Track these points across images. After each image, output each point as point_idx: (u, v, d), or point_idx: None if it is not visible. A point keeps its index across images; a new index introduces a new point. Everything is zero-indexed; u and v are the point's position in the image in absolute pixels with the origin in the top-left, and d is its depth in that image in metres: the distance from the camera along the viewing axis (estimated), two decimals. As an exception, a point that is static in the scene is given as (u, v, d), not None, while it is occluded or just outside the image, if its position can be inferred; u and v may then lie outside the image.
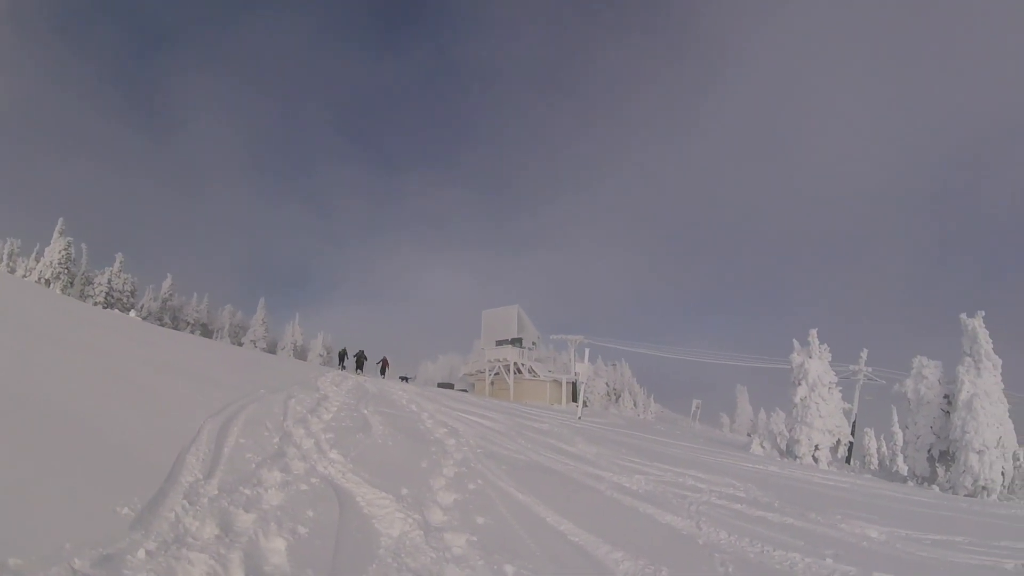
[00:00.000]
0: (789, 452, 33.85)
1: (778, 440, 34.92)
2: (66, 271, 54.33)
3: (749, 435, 48.44)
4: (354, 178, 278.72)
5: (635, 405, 71.94)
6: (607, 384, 72.61)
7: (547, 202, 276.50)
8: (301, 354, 67.52)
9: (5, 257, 54.63)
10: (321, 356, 66.35)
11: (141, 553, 4.86)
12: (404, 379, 45.47)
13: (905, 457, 35.78)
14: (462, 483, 9.70)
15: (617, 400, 72.09)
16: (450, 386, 53.77)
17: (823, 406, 33.81)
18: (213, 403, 11.73)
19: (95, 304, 49.03)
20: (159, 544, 5.14)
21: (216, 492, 6.89)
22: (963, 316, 31.91)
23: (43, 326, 15.54)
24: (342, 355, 44.81)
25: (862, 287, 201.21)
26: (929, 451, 32.80)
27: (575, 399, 48.12)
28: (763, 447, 34.28)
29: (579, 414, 33.42)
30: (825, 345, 35.55)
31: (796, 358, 35.31)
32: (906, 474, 34.90)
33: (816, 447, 33.35)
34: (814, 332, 35.27)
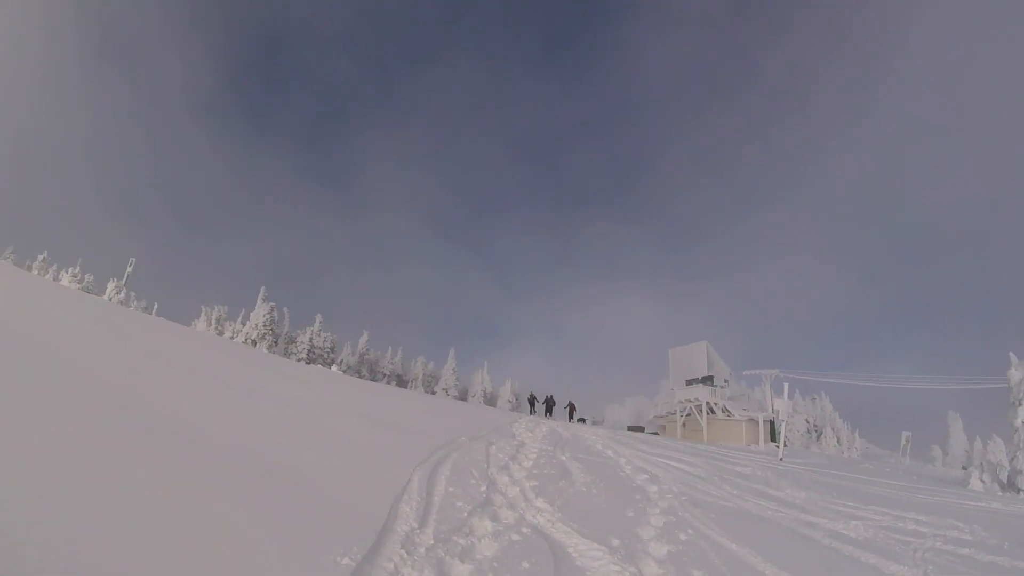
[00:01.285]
0: (1011, 485, 30.17)
1: (998, 471, 31.30)
2: (271, 332, 58.39)
3: (965, 468, 43.86)
4: (528, 224, 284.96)
5: (838, 442, 67.64)
6: (807, 420, 68.85)
7: (725, 227, 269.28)
8: (491, 400, 68.72)
9: (213, 322, 59.41)
10: (510, 402, 67.16)
11: None
12: (582, 420, 45.04)
13: None
14: (672, 533, 9.18)
15: (818, 437, 68.14)
16: (641, 429, 52.64)
17: None
18: (418, 452, 11.91)
19: (298, 360, 52.14)
20: (381, 596, 5.03)
21: (432, 541, 6.81)
22: None
23: (252, 382, 16.48)
24: (532, 400, 45.25)
25: None
26: None
27: (773, 439, 45.74)
28: (983, 481, 30.67)
29: (780, 455, 31.47)
30: None
31: (1014, 374, 31.26)
32: None
33: None
34: None
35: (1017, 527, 13.49)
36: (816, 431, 69.34)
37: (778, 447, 33.59)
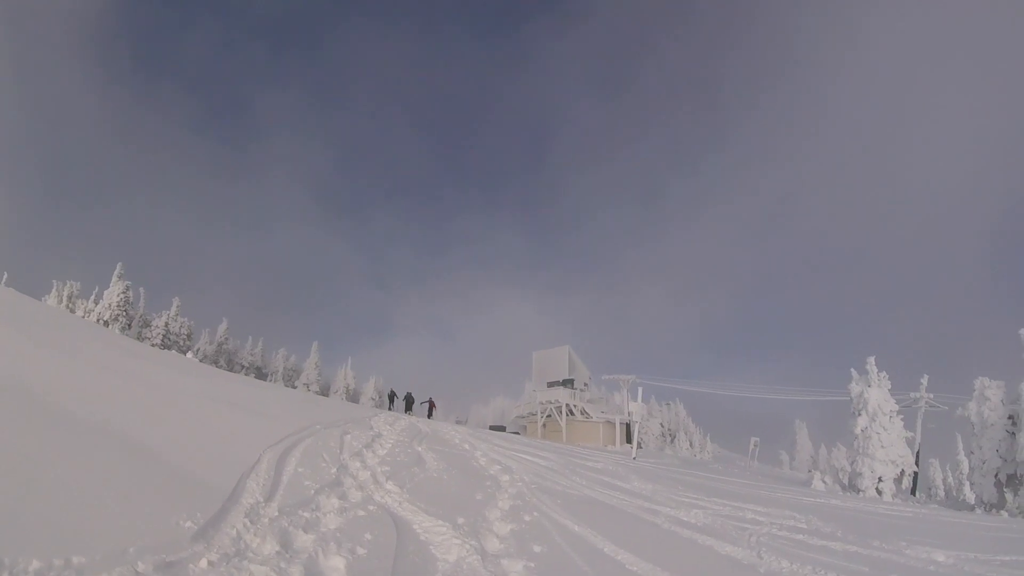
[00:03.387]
0: (852, 486, 32.69)
1: (840, 474, 33.80)
2: (124, 314, 55.71)
3: (810, 471, 46.85)
4: (402, 223, 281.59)
5: (691, 445, 70.75)
6: (662, 424, 71.61)
7: (598, 234, 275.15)
8: (354, 397, 67.97)
9: (65, 299, 56.26)
10: (373, 399, 66.62)
11: (203, 563, 4.92)
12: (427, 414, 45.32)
13: (972, 484, 33.94)
14: (518, 514, 9.58)
15: (672, 440, 71.01)
16: (502, 428, 53.34)
17: (885, 436, 32.66)
18: (271, 435, 11.84)
19: (152, 345, 50.03)
20: (221, 556, 5.19)
21: (276, 513, 6.95)
22: (1022, 332, 30.59)
23: (104, 360, 15.89)
24: (391, 396, 45.28)
25: (917, 309, 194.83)
26: (996, 475, 31.01)
27: (629, 440, 47.33)
28: (825, 482, 33.05)
29: (634, 454, 32.83)
30: (884, 373, 34.27)
31: (855, 387, 34.19)
32: (973, 502, 33.25)
33: (880, 479, 32.14)
34: (872, 360, 34.08)
35: (851, 519, 14.58)
36: (670, 435, 72.21)
37: (632, 447, 34.92)
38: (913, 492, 37.63)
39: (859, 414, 33.55)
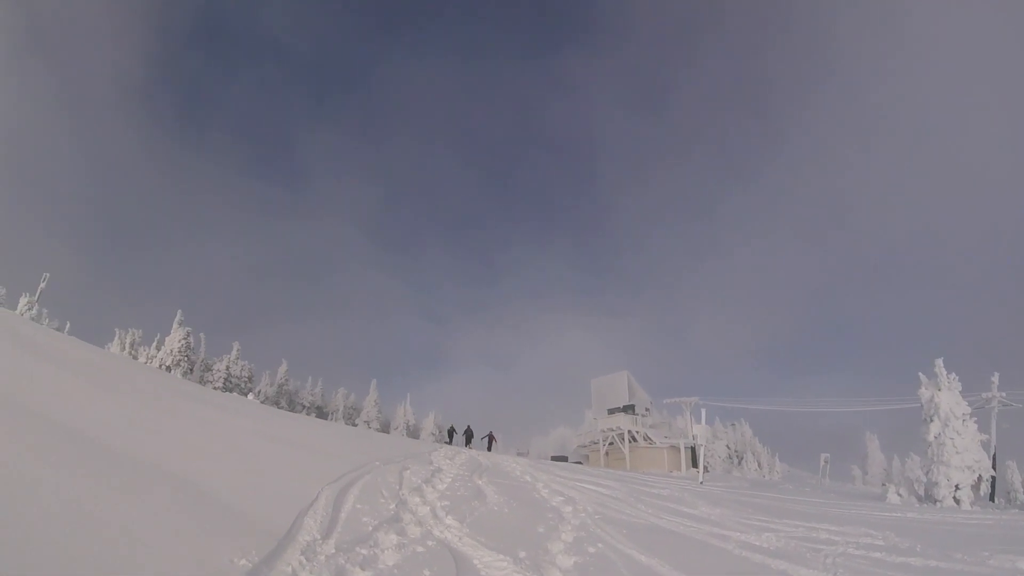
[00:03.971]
0: (928, 496, 31.14)
1: (915, 485, 32.32)
2: (186, 359, 56.88)
3: (883, 485, 45.13)
4: (452, 256, 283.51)
5: (759, 466, 68.94)
6: (727, 446, 70.05)
7: (642, 256, 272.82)
8: (414, 433, 68.08)
9: (127, 346, 57.64)
10: (433, 435, 66.70)
11: None
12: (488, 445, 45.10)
13: None
14: (581, 546, 9.30)
15: (740, 462, 69.36)
16: (564, 459, 52.66)
17: (959, 441, 30.89)
18: (330, 473, 11.81)
19: (214, 389, 50.85)
20: (275, 596, 5.05)
21: (333, 550, 6.83)
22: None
23: (163, 403, 16.09)
24: (451, 432, 45.42)
25: (980, 306, 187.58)
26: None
27: (695, 464, 46.31)
28: (900, 495, 31.46)
29: (700, 478, 32.06)
30: (953, 374, 32.53)
31: (924, 392, 32.46)
32: None
33: (956, 487, 30.35)
34: (939, 362, 32.52)
35: (930, 532, 13.95)
36: (737, 456, 70.57)
37: (699, 472, 34.15)
38: (992, 498, 35.71)
39: (931, 420, 31.85)
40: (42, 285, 48.42)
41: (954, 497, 30.03)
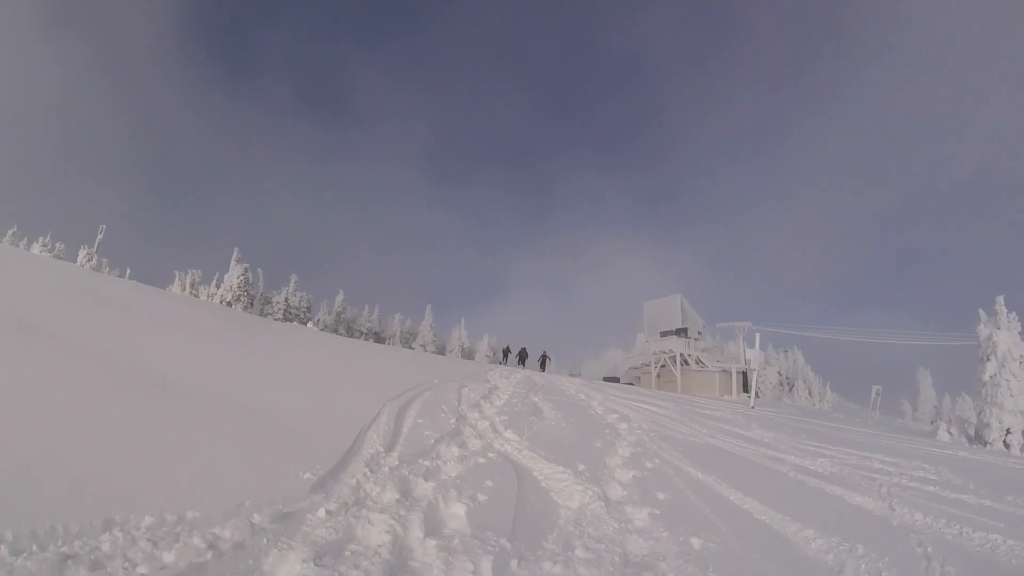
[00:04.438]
0: (978, 437, 30.43)
1: (966, 426, 31.62)
2: (245, 294, 57.73)
3: (933, 422, 44.42)
4: (506, 188, 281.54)
5: (810, 394, 68.29)
6: (779, 373, 69.29)
7: (704, 181, 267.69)
8: (469, 355, 68.70)
9: (188, 286, 58.75)
10: (488, 356, 67.21)
11: (321, 512, 4.81)
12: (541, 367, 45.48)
13: None
14: (639, 462, 9.25)
15: (790, 390, 68.76)
16: (616, 380, 52.81)
17: (1015, 384, 29.94)
18: (391, 392, 11.93)
19: (274, 320, 51.84)
20: (339, 505, 5.09)
21: (396, 463, 6.86)
22: None
23: (228, 335, 16.38)
24: (506, 352, 45.87)
25: None
26: None
27: (746, 389, 46.04)
28: (951, 433, 30.68)
29: (752, 403, 31.82)
30: (1014, 313, 31.30)
31: (983, 330, 31.34)
32: None
33: (1008, 431, 29.63)
34: (1000, 299, 31.34)
35: (982, 472, 13.58)
36: (788, 383, 69.90)
37: (750, 397, 33.93)
38: None
39: (987, 359, 30.69)
40: (100, 237, 49.24)
41: (1004, 441, 29.28)
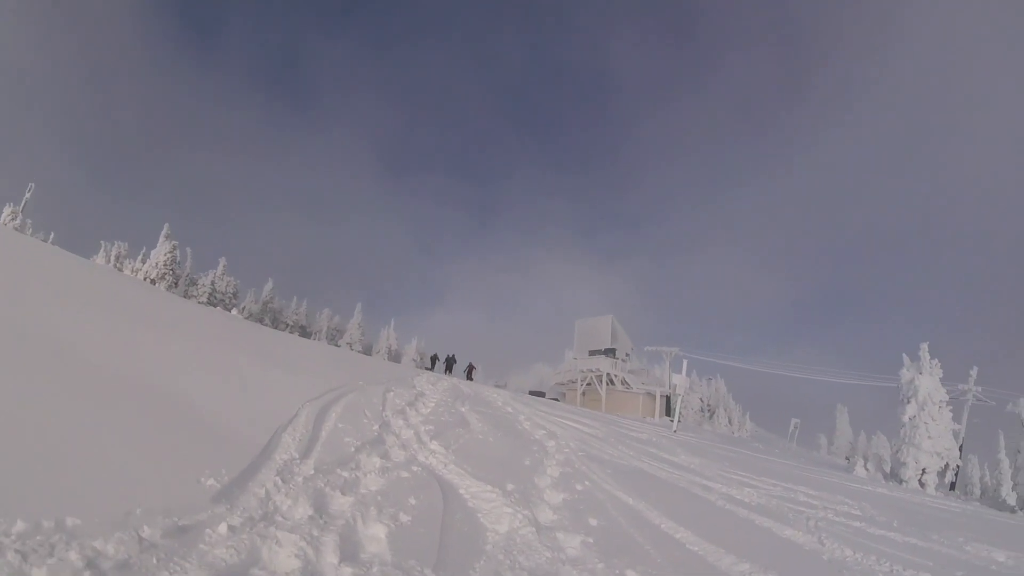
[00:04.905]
0: (894, 475, 31.52)
1: (882, 463, 32.61)
2: (171, 272, 56.03)
3: (848, 458, 45.66)
4: (451, 186, 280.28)
5: (730, 422, 69.30)
6: (701, 399, 70.25)
7: (648, 211, 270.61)
8: (395, 357, 67.82)
9: (112, 259, 56.69)
10: (415, 360, 66.32)
11: (223, 527, 4.27)
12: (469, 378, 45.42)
13: (1015, 484, 32.52)
14: (568, 483, 9.01)
15: (711, 416, 69.76)
16: (541, 394, 52.66)
17: (932, 426, 31.34)
18: (312, 390, 11.38)
19: (198, 303, 50.29)
20: (244, 520, 4.55)
21: (312, 472, 6.36)
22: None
23: (146, 314, 15.49)
24: (433, 359, 45.63)
25: (974, 296, 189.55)
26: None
27: (668, 413, 46.56)
28: (867, 469, 31.90)
29: (675, 427, 31.94)
30: (936, 360, 32.79)
31: (906, 374, 32.78)
32: (1014, 503, 31.78)
33: (923, 470, 30.98)
34: (925, 346, 32.79)
35: (903, 509, 13.85)
36: (710, 411, 70.90)
37: (672, 420, 34.11)
38: (952, 487, 35.89)
39: (908, 401, 32.14)
40: (27, 195, 47.49)
41: (920, 480, 30.40)
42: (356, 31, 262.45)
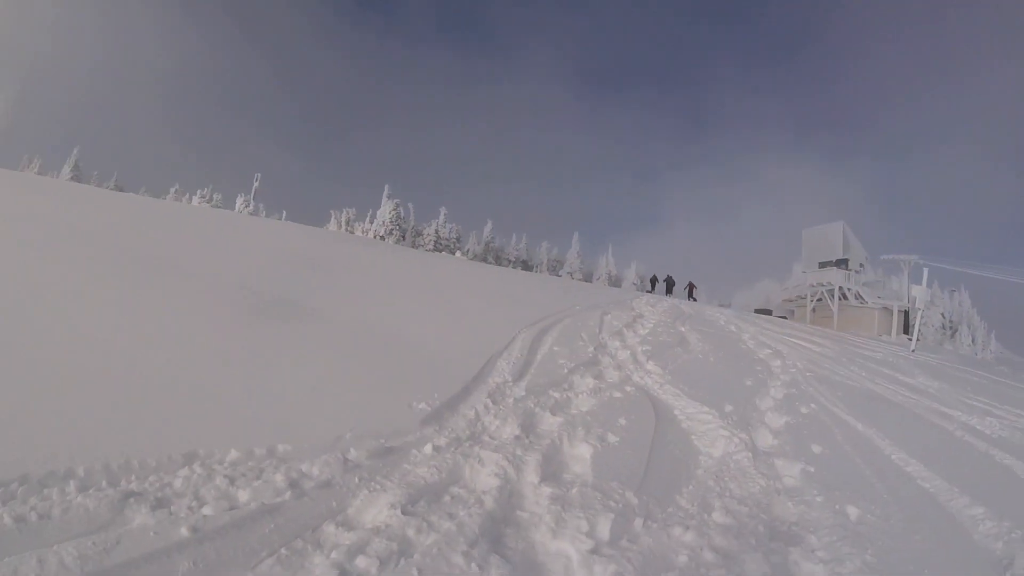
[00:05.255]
0: None
1: None
2: (397, 227, 59.30)
3: None
4: (656, 99, 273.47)
5: (973, 342, 63.06)
6: (942, 315, 64.40)
7: (874, 104, 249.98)
8: (616, 283, 67.90)
9: (343, 224, 60.85)
10: (635, 284, 66.07)
11: (428, 448, 4.39)
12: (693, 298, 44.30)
13: None
14: (792, 405, 8.38)
15: (953, 335, 63.84)
16: (768, 312, 50.52)
17: None
18: (529, 318, 11.50)
19: (425, 251, 52.91)
20: (450, 440, 4.65)
21: (523, 393, 6.40)
22: None
23: (372, 267, 16.38)
24: (653, 281, 45.09)
25: None
26: None
27: (907, 331, 42.89)
28: None
29: (912, 346, 29.42)
30: None
31: None
32: None
33: None
34: None
35: None
36: (951, 327, 64.91)
37: (911, 339, 31.45)
38: None
39: None
40: (255, 184, 51.98)
41: None
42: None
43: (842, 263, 49.76)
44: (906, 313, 46.12)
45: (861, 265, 51.82)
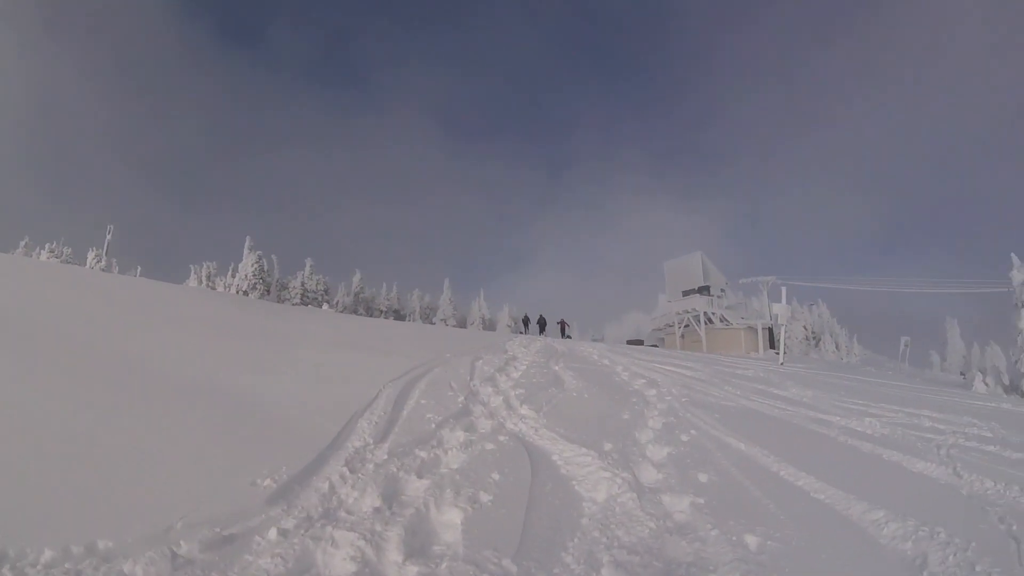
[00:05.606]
0: (1014, 388, 29.00)
1: (1000, 376, 30.26)
2: (261, 281, 57.35)
3: (962, 374, 43.01)
4: (518, 148, 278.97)
5: (837, 348, 66.75)
6: (804, 327, 67.91)
7: (722, 135, 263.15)
8: (490, 326, 68.06)
9: (204, 279, 58.46)
10: (509, 326, 66.46)
11: (272, 533, 3.87)
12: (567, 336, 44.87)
13: None
14: (672, 434, 8.31)
15: (817, 344, 67.40)
16: (640, 343, 51.84)
17: None
18: (395, 371, 11.08)
19: (292, 305, 51.35)
20: (299, 521, 4.14)
21: (386, 456, 5.93)
22: None
23: (228, 323, 15.57)
24: (525, 321, 45.68)
25: None
26: None
27: (772, 346, 44.97)
28: (987, 384, 29.49)
29: (781, 359, 30.70)
30: None
31: (1016, 275, 29.48)
32: None
33: None
34: None
35: None
36: (815, 338, 68.54)
37: (778, 353, 32.86)
38: None
39: (1022, 306, 29.54)
40: (108, 237, 49.31)
41: None
42: (398, 5, 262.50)
43: (704, 290, 51.98)
44: (770, 330, 48.43)
45: (722, 290, 54.25)
